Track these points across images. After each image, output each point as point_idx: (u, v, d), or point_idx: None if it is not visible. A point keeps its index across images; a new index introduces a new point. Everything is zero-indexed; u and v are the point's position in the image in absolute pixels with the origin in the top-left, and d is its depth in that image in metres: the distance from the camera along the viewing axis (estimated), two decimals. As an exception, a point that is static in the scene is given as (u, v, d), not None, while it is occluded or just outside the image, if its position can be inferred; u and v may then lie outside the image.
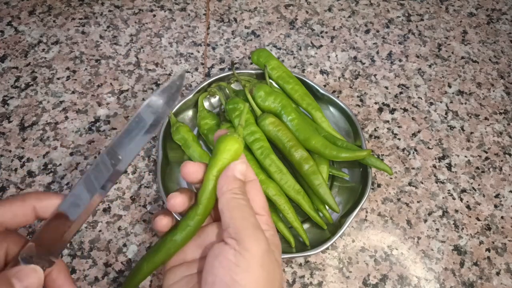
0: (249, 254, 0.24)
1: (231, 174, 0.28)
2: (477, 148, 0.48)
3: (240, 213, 0.26)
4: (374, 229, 0.42)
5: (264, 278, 0.25)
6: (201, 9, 0.57)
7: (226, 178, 0.28)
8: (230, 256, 0.25)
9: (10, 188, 0.42)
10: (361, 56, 0.54)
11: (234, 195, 0.27)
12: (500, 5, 0.62)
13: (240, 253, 0.24)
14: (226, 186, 0.27)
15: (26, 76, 0.49)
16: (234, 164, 0.28)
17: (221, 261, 0.25)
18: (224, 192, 0.27)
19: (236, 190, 0.27)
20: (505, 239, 0.42)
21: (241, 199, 0.27)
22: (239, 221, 0.26)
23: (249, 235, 0.25)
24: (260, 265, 0.25)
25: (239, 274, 0.24)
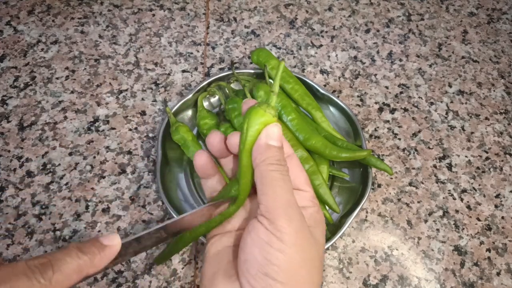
0: (281, 234, 0.23)
1: (263, 143, 0.25)
2: (478, 148, 0.48)
3: (272, 189, 0.24)
4: (375, 229, 0.42)
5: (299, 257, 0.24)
6: (200, 8, 0.57)
7: (258, 148, 0.25)
8: (262, 235, 0.24)
9: (9, 188, 0.41)
10: (361, 56, 0.54)
11: (268, 166, 0.25)
12: (500, 5, 0.62)
13: (272, 233, 0.23)
14: (260, 157, 0.25)
15: (25, 75, 0.49)
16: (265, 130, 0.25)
17: (254, 238, 0.24)
18: (257, 164, 0.25)
19: (270, 160, 0.25)
20: (505, 239, 0.42)
21: (276, 170, 0.25)
22: (271, 198, 0.24)
23: (280, 214, 0.24)
24: (293, 245, 0.23)
25: (272, 254, 0.23)
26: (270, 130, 0.25)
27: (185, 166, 0.43)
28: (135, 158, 0.44)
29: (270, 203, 0.24)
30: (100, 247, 0.24)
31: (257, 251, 0.24)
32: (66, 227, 0.40)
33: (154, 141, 0.45)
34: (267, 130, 0.25)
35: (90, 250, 0.23)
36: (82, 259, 0.23)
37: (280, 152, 0.26)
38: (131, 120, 0.47)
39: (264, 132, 0.25)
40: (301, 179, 0.27)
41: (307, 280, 0.24)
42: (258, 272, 0.23)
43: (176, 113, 0.45)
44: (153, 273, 0.38)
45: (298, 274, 0.23)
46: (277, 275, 0.23)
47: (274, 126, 0.26)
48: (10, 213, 0.40)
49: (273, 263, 0.23)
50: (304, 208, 0.27)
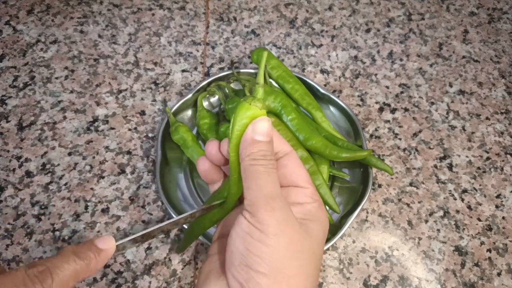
0: (262, 226, 0.23)
1: (249, 137, 0.25)
2: (478, 148, 0.48)
3: (255, 182, 0.24)
4: (375, 229, 0.42)
5: (285, 248, 0.23)
6: (200, 8, 0.57)
7: (243, 143, 0.25)
8: (244, 227, 0.23)
9: (8, 188, 0.41)
10: (361, 56, 0.54)
11: (252, 161, 0.24)
12: (501, 4, 0.62)
13: (253, 224, 0.23)
14: (245, 151, 0.25)
15: (24, 75, 0.49)
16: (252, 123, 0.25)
17: (237, 231, 0.24)
18: (242, 159, 0.25)
19: (255, 155, 0.24)
20: (506, 240, 0.42)
21: (260, 165, 0.24)
22: (253, 192, 0.24)
23: (261, 206, 0.23)
24: (276, 235, 0.23)
25: (253, 244, 0.23)
26: (257, 124, 0.25)
27: (184, 166, 0.43)
28: (134, 158, 0.44)
29: (252, 195, 0.24)
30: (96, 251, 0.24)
31: (239, 242, 0.23)
32: (65, 227, 0.40)
33: (153, 141, 0.45)
34: (254, 124, 0.25)
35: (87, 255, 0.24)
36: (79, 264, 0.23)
37: (267, 147, 0.25)
38: (130, 120, 0.47)
39: (251, 126, 0.25)
40: (300, 176, 0.27)
41: (299, 272, 0.23)
42: (240, 264, 0.23)
43: (175, 113, 0.44)
44: (152, 274, 0.38)
45: (286, 266, 0.23)
46: (259, 266, 0.22)
47: (261, 120, 0.25)
48: (9, 213, 0.40)
49: (254, 254, 0.23)
50: (301, 204, 0.26)
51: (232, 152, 0.25)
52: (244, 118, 0.24)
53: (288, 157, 0.27)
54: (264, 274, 0.22)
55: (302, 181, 0.27)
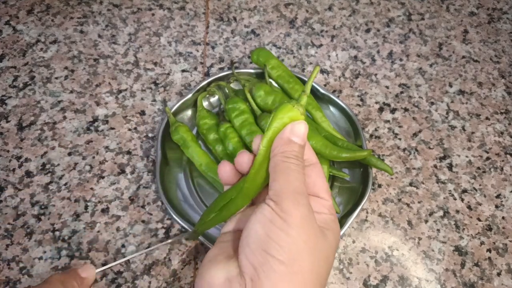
0: (286, 216, 0.23)
1: (286, 136, 0.26)
2: (478, 148, 0.48)
3: (284, 177, 0.25)
4: (375, 229, 0.42)
5: (303, 242, 0.23)
6: (200, 8, 0.57)
7: (280, 140, 0.26)
8: (267, 213, 0.24)
9: (8, 188, 0.41)
10: (361, 56, 0.54)
11: (284, 158, 0.25)
12: (501, 5, 0.62)
13: (276, 213, 0.24)
14: (278, 148, 0.26)
15: (24, 75, 0.49)
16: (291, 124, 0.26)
17: (258, 216, 0.24)
18: (275, 154, 0.26)
19: (288, 154, 0.25)
20: (506, 240, 0.42)
21: (292, 163, 0.25)
22: (281, 184, 0.25)
23: (287, 197, 0.24)
24: (298, 227, 0.23)
25: (274, 232, 0.23)
26: (296, 126, 0.26)
27: (184, 166, 0.43)
28: (134, 158, 0.44)
29: (280, 187, 0.25)
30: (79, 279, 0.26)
31: (260, 227, 0.24)
32: (65, 227, 0.40)
33: (153, 141, 0.45)
34: (293, 125, 0.26)
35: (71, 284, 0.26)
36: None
37: (300, 149, 0.26)
38: (130, 120, 0.47)
39: (290, 126, 0.26)
40: (322, 188, 0.28)
41: (313, 269, 0.24)
42: (258, 248, 0.23)
43: (175, 113, 0.44)
44: (152, 274, 0.38)
45: (302, 260, 0.23)
46: (277, 253, 0.23)
47: (300, 123, 0.26)
48: (9, 213, 0.40)
49: (274, 241, 0.23)
50: (319, 214, 0.27)
51: (264, 146, 0.26)
52: (285, 117, 0.26)
53: (313, 167, 0.28)
54: (281, 262, 0.23)
55: (323, 193, 0.28)
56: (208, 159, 0.41)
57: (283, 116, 0.26)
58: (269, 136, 0.26)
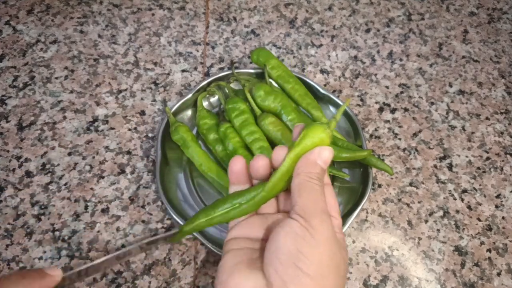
0: (315, 232, 0.24)
1: (313, 158, 0.27)
2: (478, 148, 0.48)
3: (311, 196, 0.26)
4: (375, 229, 0.42)
5: (329, 258, 0.24)
6: (200, 8, 0.57)
7: (307, 160, 0.27)
8: (297, 229, 0.25)
9: (8, 188, 0.41)
10: (361, 56, 0.54)
11: (309, 178, 0.26)
12: (501, 4, 0.62)
13: (306, 229, 0.24)
14: (304, 168, 0.27)
15: (24, 75, 0.49)
16: (320, 148, 0.27)
17: (287, 231, 0.25)
18: (299, 173, 0.27)
19: (312, 175, 0.27)
20: (506, 240, 0.42)
21: (316, 184, 0.26)
22: (308, 201, 0.26)
23: (316, 215, 0.25)
24: (325, 244, 0.24)
25: (304, 247, 0.24)
26: (324, 151, 0.27)
27: (184, 166, 0.43)
28: (134, 158, 0.44)
29: (307, 204, 0.26)
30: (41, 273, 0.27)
31: (290, 242, 0.24)
32: (65, 227, 0.40)
33: (153, 141, 0.45)
34: (322, 150, 0.27)
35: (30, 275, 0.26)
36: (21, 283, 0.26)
37: (323, 173, 0.27)
38: (130, 120, 0.47)
39: (318, 150, 0.27)
40: (334, 207, 0.29)
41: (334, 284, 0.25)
42: (288, 261, 0.24)
43: (175, 113, 0.44)
44: (152, 274, 0.38)
45: (328, 275, 0.24)
46: (307, 267, 0.24)
47: (327, 149, 0.27)
48: (9, 213, 0.40)
49: (304, 256, 0.24)
50: None
51: (290, 159, 0.27)
52: (316, 137, 0.27)
53: (327, 187, 0.29)
54: (310, 276, 0.24)
55: (334, 212, 0.29)
56: (208, 159, 0.41)
57: (314, 136, 0.27)
58: (297, 152, 0.27)
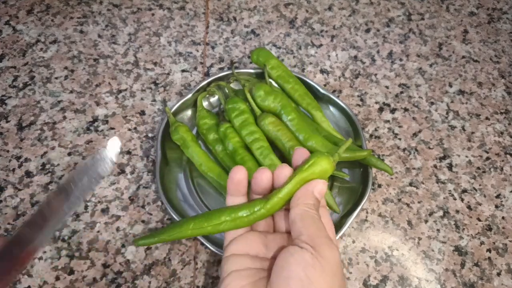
0: (325, 261, 0.26)
1: (311, 190, 0.29)
2: (478, 148, 0.48)
3: (314, 224, 0.28)
4: (375, 229, 0.42)
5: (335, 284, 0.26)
6: (200, 8, 0.57)
7: (305, 191, 0.29)
8: (306, 257, 0.26)
9: (8, 188, 0.41)
10: (361, 56, 0.54)
11: (308, 209, 0.28)
12: (501, 4, 0.62)
13: (316, 258, 0.26)
14: (303, 199, 0.29)
15: (24, 75, 0.49)
16: (316, 181, 0.29)
17: (297, 259, 0.26)
18: (298, 204, 0.29)
19: (310, 206, 0.28)
20: (506, 240, 0.42)
21: (316, 214, 0.28)
22: (313, 230, 0.27)
23: (324, 243, 0.26)
24: (334, 272, 0.26)
25: (315, 275, 0.25)
26: (320, 184, 0.29)
27: (184, 166, 0.43)
28: (134, 158, 0.44)
29: (313, 233, 0.27)
30: None
31: (301, 270, 0.25)
32: (65, 227, 0.40)
33: (153, 141, 0.45)
34: (318, 183, 0.29)
35: None
36: None
37: (318, 204, 0.29)
38: (130, 120, 0.47)
39: (315, 183, 0.29)
40: (330, 229, 0.30)
41: None
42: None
43: (175, 113, 0.44)
44: (152, 274, 0.38)
45: None
46: None
47: (323, 183, 0.29)
48: (9, 213, 0.40)
49: (314, 284, 0.25)
50: None
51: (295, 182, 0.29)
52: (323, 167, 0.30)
53: (322, 209, 0.31)
54: None
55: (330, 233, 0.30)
56: (208, 159, 0.41)
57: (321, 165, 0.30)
58: (304, 177, 0.29)
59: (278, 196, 0.29)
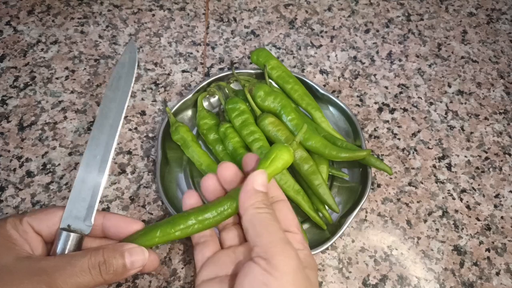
0: (279, 273, 0.24)
1: (251, 188, 0.27)
2: (477, 148, 0.48)
3: (265, 228, 0.25)
4: (374, 229, 0.42)
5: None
6: (200, 8, 0.57)
7: (246, 193, 0.27)
8: (259, 275, 0.24)
9: (9, 188, 0.41)
10: (361, 56, 0.54)
11: (256, 209, 0.26)
12: (500, 5, 0.62)
13: (269, 273, 0.24)
14: (248, 201, 0.26)
15: (25, 76, 0.49)
16: (252, 175, 0.27)
17: (250, 281, 0.24)
18: (246, 208, 0.26)
19: (258, 204, 0.26)
20: (505, 239, 0.42)
21: (265, 212, 0.26)
22: (266, 237, 0.25)
23: (277, 252, 0.24)
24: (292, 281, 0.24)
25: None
26: (257, 177, 0.27)
27: (185, 166, 0.43)
28: (135, 158, 0.44)
29: (265, 241, 0.25)
30: (121, 264, 0.28)
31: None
32: (66, 227, 0.40)
33: (154, 141, 0.46)
34: (255, 176, 0.27)
35: (108, 268, 0.28)
36: None
37: (266, 197, 0.27)
38: (131, 120, 0.47)
39: (251, 178, 0.27)
40: (292, 222, 0.28)
41: None
42: None
43: (176, 113, 0.45)
44: (152, 273, 0.38)
45: None
46: None
47: (260, 173, 0.27)
48: (10, 213, 0.40)
49: None
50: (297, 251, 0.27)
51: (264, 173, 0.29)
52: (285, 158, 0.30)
53: (283, 203, 0.29)
54: None
55: (293, 227, 0.28)
56: (208, 159, 0.41)
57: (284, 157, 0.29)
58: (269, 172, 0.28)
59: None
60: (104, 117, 0.34)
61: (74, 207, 0.31)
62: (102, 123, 0.34)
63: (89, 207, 0.31)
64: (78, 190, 0.31)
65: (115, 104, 0.34)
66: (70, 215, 0.30)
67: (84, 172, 0.32)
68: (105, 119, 0.34)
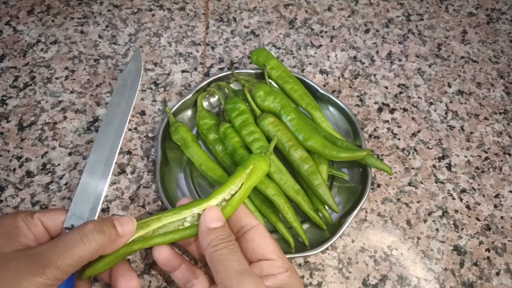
0: None
1: (204, 228, 0.28)
2: (477, 148, 0.48)
3: (221, 264, 0.26)
4: (374, 229, 0.42)
5: None
6: (200, 8, 0.57)
7: (201, 234, 0.28)
8: None
9: (8, 188, 0.41)
10: (360, 56, 0.54)
11: (213, 248, 0.27)
12: (500, 5, 0.62)
13: None
14: (204, 242, 0.27)
15: (25, 75, 0.49)
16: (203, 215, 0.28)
17: None
18: (204, 249, 0.27)
19: (214, 242, 0.27)
20: (505, 239, 0.42)
21: (222, 248, 0.27)
22: (222, 273, 0.26)
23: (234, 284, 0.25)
24: None
25: None
26: (208, 214, 0.28)
27: (184, 166, 0.43)
28: (134, 158, 0.44)
29: (223, 278, 0.26)
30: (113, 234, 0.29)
31: None
32: (65, 227, 0.40)
33: (153, 141, 0.46)
34: (205, 215, 0.28)
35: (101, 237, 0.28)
36: None
37: (223, 230, 0.28)
38: (130, 120, 0.47)
39: (202, 218, 0.28)
40: (267, 249, 0.29)
41: None
42: None
43: (175, 113, 0.45)
44: (152, 273, 0.38)
45: None
46: None
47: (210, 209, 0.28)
48: (10, 213, 0.40)
49: None
50: (274, 276, 0.28)
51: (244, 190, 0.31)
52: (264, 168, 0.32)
53: (255, 230, 0.29)
54: None
55: (269, 253, 0.28)
56: (208, 159, 0.41)
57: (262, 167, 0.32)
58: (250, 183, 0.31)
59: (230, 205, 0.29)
60: (110, 123, 0.36)
61: (78, 208, 0.32)
62: (107, 128, 0.36)
63: (92, 208, 0.33)
64: (82, 192, 0.33)
65: (121, 110, 0.37)
66: (73, 215, 0.31)
67: (88, 175, 0.34)
68: (110, 124, 0.36)
